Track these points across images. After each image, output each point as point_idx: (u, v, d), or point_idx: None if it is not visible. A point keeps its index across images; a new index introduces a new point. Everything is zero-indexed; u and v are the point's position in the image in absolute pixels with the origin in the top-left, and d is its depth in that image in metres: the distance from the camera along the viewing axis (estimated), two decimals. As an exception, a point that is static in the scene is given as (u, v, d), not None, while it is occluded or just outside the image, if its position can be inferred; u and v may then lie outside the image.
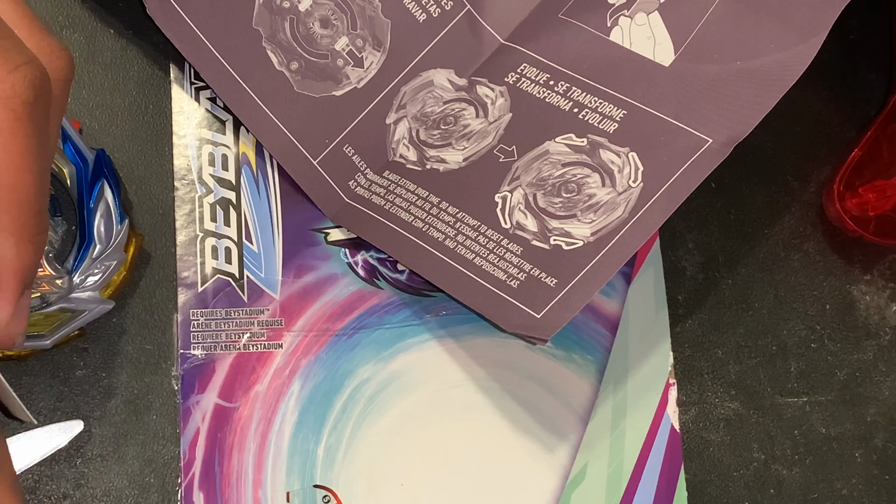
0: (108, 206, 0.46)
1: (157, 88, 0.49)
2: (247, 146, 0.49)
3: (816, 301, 0.52)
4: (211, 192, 0.49)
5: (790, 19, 0.46)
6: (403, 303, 0.49)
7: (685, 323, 0.50)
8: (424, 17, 0.50)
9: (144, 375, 0.47)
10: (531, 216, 0.47)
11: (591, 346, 0.49)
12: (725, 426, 0.50)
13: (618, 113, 0.48)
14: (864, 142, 0.51)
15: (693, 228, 0.51)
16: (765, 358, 0.51)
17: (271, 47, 0.49)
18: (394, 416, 0.48)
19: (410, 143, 0.50)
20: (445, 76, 0.51)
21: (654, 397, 0.49)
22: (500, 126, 0.49)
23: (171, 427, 0.47)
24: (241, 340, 0.48)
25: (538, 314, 0.44)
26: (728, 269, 0.51)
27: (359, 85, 0.50)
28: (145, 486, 0.46)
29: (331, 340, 0.48)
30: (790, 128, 0.53)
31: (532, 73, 0.50)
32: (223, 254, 0.48)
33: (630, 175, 0.46)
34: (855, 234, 0.51)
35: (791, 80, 0.45)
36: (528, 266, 0.45)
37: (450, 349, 0.49)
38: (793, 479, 0.50)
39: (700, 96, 0.47)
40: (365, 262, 0.49)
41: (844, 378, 0.51)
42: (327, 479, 0.47)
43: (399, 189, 0.49)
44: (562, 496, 0.48)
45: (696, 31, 0.48)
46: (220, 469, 0.46)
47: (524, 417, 0.48)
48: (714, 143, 0.45)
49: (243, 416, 0.47)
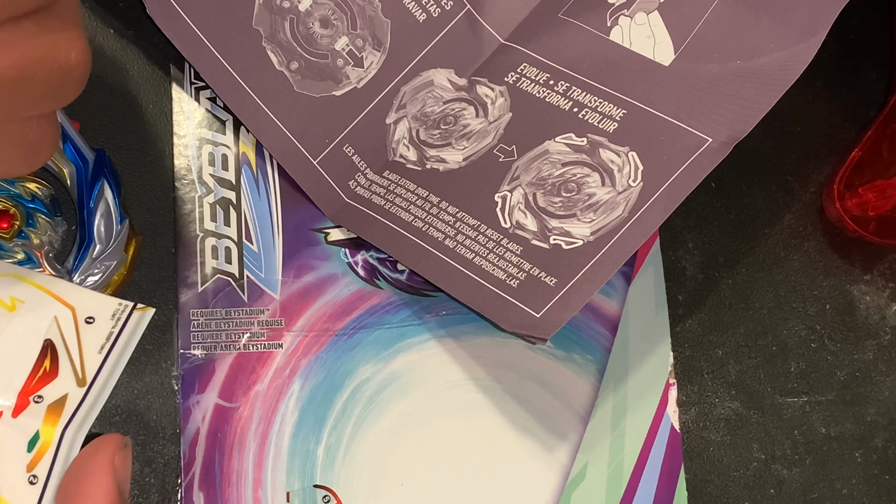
0: (108, 206, 0.46)
1: (157, 88, 0.49)
2: (247, 146, 0.49)
3: (816, 301, 0.52)
4: (211, 192, 0.49)
5: (790, 19, 0.46)
6: (403, 303, 0.49)
7: (685, 323, 0.50)
8: (424, 17, 0.50)
9: (144, 375, 0.47)
10: (531, 216, 0.47)
11: (591, 345, 0.49)
12: (725, 426, 0.50)
13: (618, 112, 0.48)
14: (864, 142, 0.51)
15: (693, 228, 0.51)
16: (765, 358, 0.51)
17: (271, 47, 0.49)
18: (394, 416, 0.48)
19: (410, 143, 0.50)
20: (445, 76, 0.51)
21: (654, 397, 0.49)
22: (499, 126, 0.49)
23: (171, 427, 0.47)
24: (241, 340, 0.48)
25: (538, 313, 0.44)
26: (728, 269, 0.51)
27: (359, 85, 0.50)
28: (145, 486, 0.46)
29: (331, 340, 0.48)
30: (790, 128, 0.53)
31: (532, 73, 0.50)
32: (223, 254, 0.48)
33: (630, 174, 0.46)
34: (855, 234, 0.51)
35: (791, 80, 0.45)
36: (527, 265, 0.45)
37: (450, 349, 0.49)
38: (793, 479, 0.50)
39: (700, 96, 0.47)
40: (365, 262, 0.49)
41: (844, 378, 0.51)
42: (327, 479, 0.47)
43: (399, 189, 0.49)
44: (562, 496, 0.48)
45: (696, 30, 0.48)
46: (221, 469, 0.46)
47: (524, 417, 0.48)
48: (714, 142, 0.45)
49: (243, 416, 0.47)
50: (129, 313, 0.35)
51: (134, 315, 0.35)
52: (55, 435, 0.33)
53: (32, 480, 0.33)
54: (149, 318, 0.35)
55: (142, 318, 0.35)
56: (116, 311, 0.36)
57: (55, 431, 0.33)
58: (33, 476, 0.33)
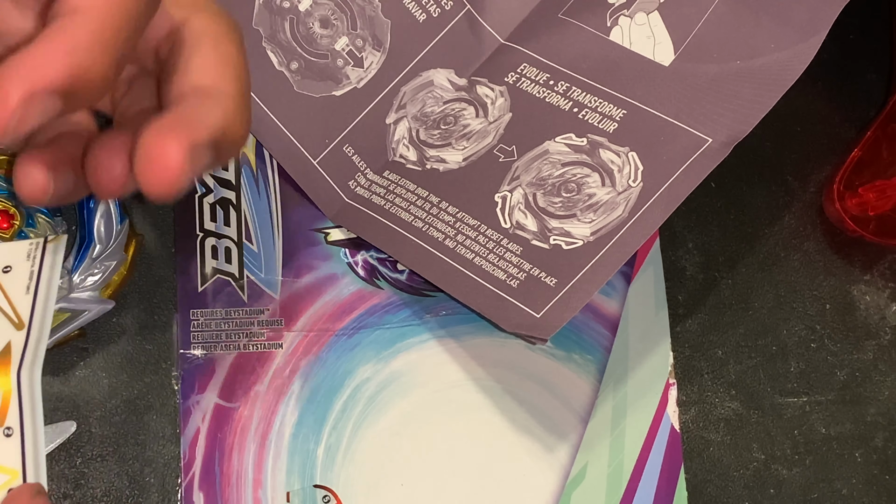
0: (108, 206, 0.46)
1: (157, 88, 0.49)
2: (247, 146, 0.49)
3: (816, 301, 0.52)
4: (211, 192, 0.49)
5: (790, 19, 0.46)
6: (403, 303, 0.49)
7: (685, 323, 0.50)
8: (424, 17, 0.50)
9: (144, 375, 0.47)
10: (531, 216, 0.47)
11: (591, 346, 0.49)
12: (725, 426, 0.50)
13: (618, 112, 0.48)
14: (864, 142, 0.51)
15: (693, 228, 0.51)
16: (765, 358, 0.51)
17: (271, 47, 0.49)
18: (394, 415, 0.48)
19: (410, 143, 0.50)
20: (445, 76, 0.51)
21: (654, 397, 0.49)
22: (499, 126, 0.49)
23: (171, 427, 0.47)
24: (241, 340, 0.48)
25: (538, 314, 0.44)
26: (728, 269, 0.51)
27: (359, 85, 0.50)
28: (145, 486, 0.46)
29: (331, 340, 0.48)
30: (790, 128, 0.53)
31: (532, 73, 0.50)
32: (223, 254, 0.48)
33: (630, 175, 0.46)
34: (855, 234, 0.51)
35: (791, 80, 0.45)
36: (527, 266, 0.45)
37: (450, 349, 0.49)
38: (793, 479, 0.50)
39: (700, 96, 0.47)
40: (365, 262, 0.49)
41: (844, 378, 0.51)
42: (327, 479, 0.47)
43: (399, 189, 0.49)
44: (562, 496, 0.48)
45: (696, 30, 0.48)
46: (220, 469, 0.46)
47: (524, 417, 0.48)
48: (714, 142, 0.45)
49: (243, 416, 0.47)
50: (42, 248, 0.34)
51: (49, 247, 0.34)
52: (11, 382, 0.33)
53: (7, 433, 0.33)
54: (63, 243, 0.35)
55: (57, 248, 0.34)
56: (30, 251, 0.36)
57: (10, 379, 0.33)
58: (7, 428, 0.33)
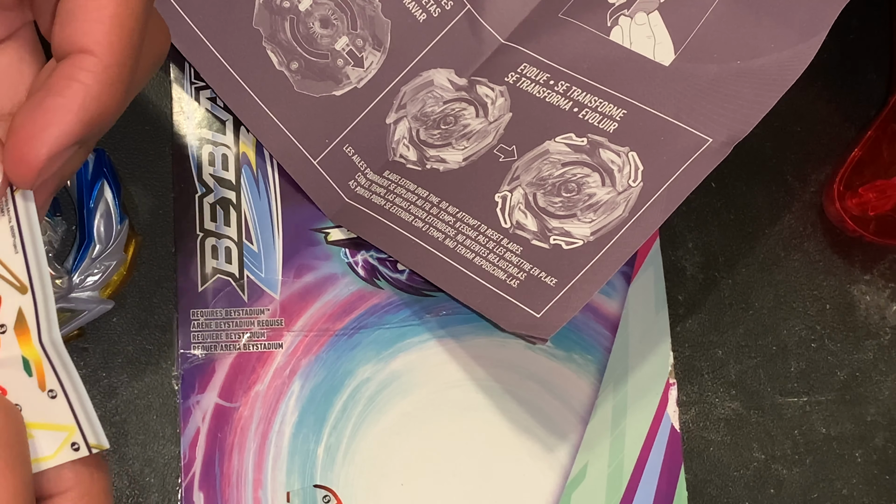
0: (108, 206, 0.46)
1: (157, 88, 0.49)
2: (247, 146, 0.49)
3: (816, 301, 0.52)
4: (211, 192, 0.49)
5: (790, 19, 0.46)
6: (403, 303, 0.49)
7: (685, 323, 0.50)
8: (424, 17, 0.50)
9: (144, 375, 0.47)
10: (531, 216, 0.47)
11: (591, 345, 0.49)
12: (725, 426, 0.50)
13: (618, 112, 0.48)
14: (864, 142, 0.51)
15: (693, 228, 0.51)
16: (765, 358, 0.51)
17: (271, 47, 0.49)
18: (394, 416, 0.48)
19: (410, 143, 0.50)
20: (445, 76, 0.51)
21: (654, 397, 0.49)
22: (500, 126, 0.49)
23: (171, 427, 0.47)
24: (241, 340, 0.48)
25: (538, 314, 0.44)
26: (728, 269, 0.51)
27: (359, 85, 0.50)
28: (145, 486, 0.46)
29: (331, 340, 0.48)
30: (790, 128, 0.53)
31: (532, 73, 0.50)
32: (223, 254, 0.48)
33: (630, 174, 0.46)
34: (855, 234, 0.51)
35: (791, 80, 0.45)
36: (527, 266, 0.45)
37: (450, 349, 0.49)
38: (793, 479, 0.50)
39: (700, 96, 0.47)
40: (365, 262, 0.49)
41: (844, 378, 0.51)
42: (327, 479, 0.47)
43: (399, 189, 0.49)
44: (562, 496, 0.48)
45: (696, 30, 0.48)
46: (221, 469, 0.46)
47: (524, 417, 0.48)
48: (714, 142, 0.45)
49: (243, 416, 0.47)
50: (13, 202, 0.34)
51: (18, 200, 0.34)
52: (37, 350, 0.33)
53: (52, 394, 0.33)
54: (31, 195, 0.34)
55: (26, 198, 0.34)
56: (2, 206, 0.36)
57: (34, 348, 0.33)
58: (50, 391, 0.33)
